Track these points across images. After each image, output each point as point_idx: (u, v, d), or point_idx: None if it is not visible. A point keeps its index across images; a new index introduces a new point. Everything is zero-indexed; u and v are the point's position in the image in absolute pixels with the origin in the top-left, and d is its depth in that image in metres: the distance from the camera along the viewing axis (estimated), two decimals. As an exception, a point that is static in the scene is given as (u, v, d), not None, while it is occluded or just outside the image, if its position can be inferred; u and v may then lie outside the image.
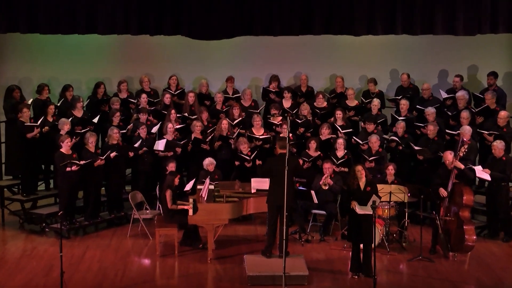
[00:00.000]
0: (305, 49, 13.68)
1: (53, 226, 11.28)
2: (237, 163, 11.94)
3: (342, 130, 12.24)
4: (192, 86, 13.65)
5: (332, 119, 12.55)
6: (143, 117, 12.24)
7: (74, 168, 10.86)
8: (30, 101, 12.22)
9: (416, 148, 11.64)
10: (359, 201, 9.43)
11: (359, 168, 9.54)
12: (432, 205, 11.41)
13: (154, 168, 11.97)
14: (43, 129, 11.61)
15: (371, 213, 9.11)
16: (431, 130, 11.75)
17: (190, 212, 10.13)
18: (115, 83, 13.17)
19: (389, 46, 13.60)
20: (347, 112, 12.74)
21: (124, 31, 12.24)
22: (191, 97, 12.81)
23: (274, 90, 13.12)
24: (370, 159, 11.56)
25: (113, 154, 11.34)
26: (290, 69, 13.76)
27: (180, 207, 10.50)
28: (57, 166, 11.11)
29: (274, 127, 12.55)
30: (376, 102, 12.56)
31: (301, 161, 11.38)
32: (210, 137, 12.17)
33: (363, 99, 13.03)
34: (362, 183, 9.55)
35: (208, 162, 11.58)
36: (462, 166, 10.34)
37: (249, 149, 11.95)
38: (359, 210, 9.35)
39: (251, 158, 11.85)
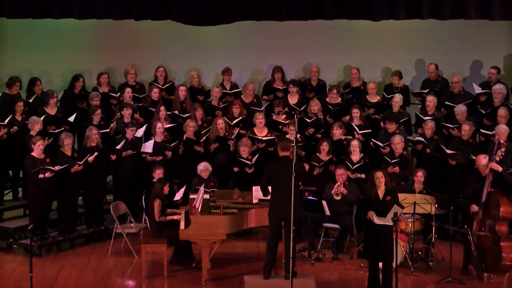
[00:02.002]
0: (316, 37, 13.67)
1: (22, 242, 11.27)
2: (236, 169, 11.88)
3: (359, 131, 12.18)
4: (184, 79, 13.63)
5: (348, 117, 12.48)
6: (127, 112, 12.20)
7: (47, 174, 10.82)
8: (-2, 97, 12.21)
9: (448, 151, 11.55)
10: (377, 212, 9.40)
11: (378, 175, 9.48)
12: (463, 218, 11.37)
13: (140, 175, 11.94)
14: (11, 130, 11.58)
15: (392, 224, 9.07)
16: (466, 130, 11.65)
17: (182, 225, 10.08)
18: (94, 76, 13.16)
19: (413, 33, 13.57)
20: (366, 110, 12.67)
21: (105, 15, 12.24)
22: (182, 92, 12.76)
23: (282, 88, 13.02)
24: (393, 161, 11.49)
25: (91, 158, 11.28)
26: (298, 59, 13.76)
27: (170, 217, 10.45)
28: (27, 173, 11.08)
29: (280, 126, 12.49)
30: (397, 98, 12.49)
31: (307, 166, 11.31)
32: (204, 138, 12.11)
33: (385, 94, 12.96)
34: (381, 192, 9.50)
35: (203, 168, 11.53)
36: (500, 168, 10.25)
37: (249, 152, 11.89)
38: (378, 220, 9.29)
39: (252, 162, 11.78)
